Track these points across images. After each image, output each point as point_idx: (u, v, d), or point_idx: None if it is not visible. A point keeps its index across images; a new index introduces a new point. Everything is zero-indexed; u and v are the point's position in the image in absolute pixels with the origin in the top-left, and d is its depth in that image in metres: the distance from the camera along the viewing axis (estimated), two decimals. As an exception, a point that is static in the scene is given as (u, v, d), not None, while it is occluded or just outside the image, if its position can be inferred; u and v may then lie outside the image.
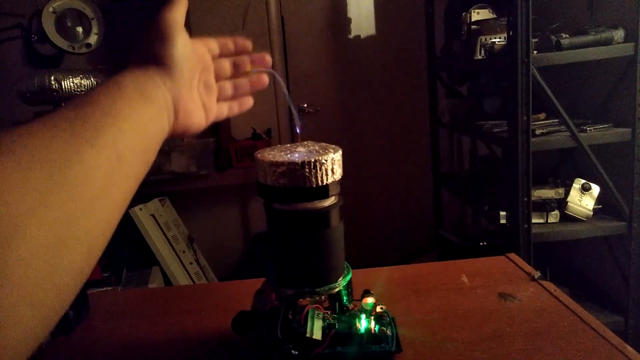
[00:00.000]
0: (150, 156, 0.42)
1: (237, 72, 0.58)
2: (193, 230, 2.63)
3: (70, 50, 1.93)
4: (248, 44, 0.59)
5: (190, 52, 0.50)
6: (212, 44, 0.55)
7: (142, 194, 2.40)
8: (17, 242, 0.26)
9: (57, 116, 0.34)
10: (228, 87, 0.57)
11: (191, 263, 2.49)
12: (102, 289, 1.94)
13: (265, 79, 0.60)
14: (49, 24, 1.91)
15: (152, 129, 0.43)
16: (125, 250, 2.25)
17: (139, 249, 2.30)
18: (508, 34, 1.55)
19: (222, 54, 0.57)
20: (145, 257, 2.31)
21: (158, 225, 2.39)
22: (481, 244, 2.12)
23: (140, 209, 2.31)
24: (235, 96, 0.59)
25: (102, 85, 0.41)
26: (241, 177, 2.56)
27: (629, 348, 0.59)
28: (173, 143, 2.44)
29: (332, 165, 0.55)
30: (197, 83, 0.52)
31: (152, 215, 2.38)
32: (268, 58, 0.60)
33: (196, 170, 2.48)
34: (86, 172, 0.32)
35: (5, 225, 0.25)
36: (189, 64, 0.49)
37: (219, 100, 0.57)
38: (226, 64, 0.57)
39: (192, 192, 2.70)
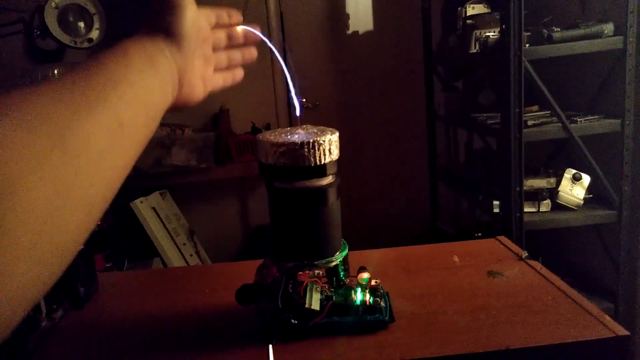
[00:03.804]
0: (153, 125, 0.42)
1: (230, 43, 0.58)
2: (193, 224, 2.67)
3: (72, 45, 1.96)
4: (239, 17, 0.60)
5: (197, 24, 0.50)
6: (210, 15, 0.55)
7: (143, 187, 2.43)
8: (15, 199, 0.26)
9: (64, 79, 0.35)
10: (223, 58, 0.58)
11: (191, 255, 2.52)
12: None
13: (255, 52, 0.61)
14: (51, 19, 1.94)
15: (156, 99, 0.43)
16: (127, 242, 2.28)
17: (140, 241, 2.33)
18: (501, 28, 1.59)
19: (218, 25, 0.57)
20: (146, 249, 2.35)
21: (159, 218, 2.43)
22: (476, 235, 2.16)
23: (141, 202, 2.34)
24: (229, 67, 0.59)
25: (109, 50, 0.41)
26: (241, 171, 2.59)
27: (607, 317, 0.63)
28: (174, 137, 2.48)
29: (330, 145, 0.58)
30: (198, 54, 0.52)
31: (153, 208, 2.41)
32: (258, 31, 0.61)
33: (196, 164, 2.51)
34: (86, 136, 0.32)
35: (3, 183, 0.26)
36: (196, 36, 0.49)
37: (214, 71, 0.57)
38: (222, 35, 0.57)
39: (193, 185, 2.73)
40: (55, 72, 1.78)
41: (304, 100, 2.89)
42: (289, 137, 0.58)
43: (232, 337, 0.62)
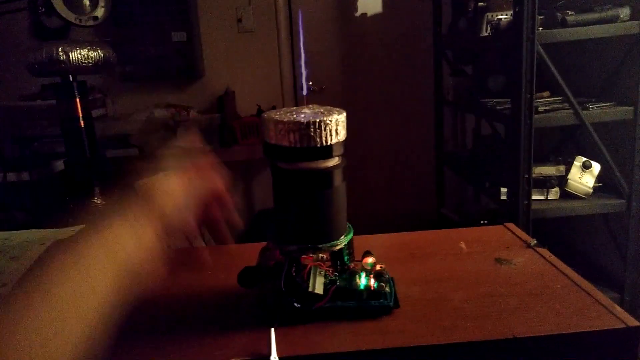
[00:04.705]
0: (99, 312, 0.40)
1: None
2: (197, 205, 2.66)
3: (77, 23, 1.94)
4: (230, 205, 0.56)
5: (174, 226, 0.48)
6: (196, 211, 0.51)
7: (148, 168, 2.43)
8: None
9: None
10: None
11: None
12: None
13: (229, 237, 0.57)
14: (56, -4, 1.91)
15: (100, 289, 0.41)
16: (131, 222, 2.28)
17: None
18: (514, 10, 1.55)
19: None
20: (150, 230, 2.34)
21: (163, 199, 2.42)
22: (481, 222, 2.15)
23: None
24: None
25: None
26: (245, 154, 2.58)
27: (618, 308, 0.61)
28: (178, 118, 2.46)
29: (337, 126, 0.56)
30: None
31: (158, 189, 2.40)
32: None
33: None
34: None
35: None
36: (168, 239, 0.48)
37: None
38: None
39: (197, 167, 2.72)
40: (60, 49, 1.75)
41: (310, 83, 2.86)
42: (295, 116, 0.56)
43: (234, 320, 0.61)
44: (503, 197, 1.72)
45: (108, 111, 2.66)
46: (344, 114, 0.58)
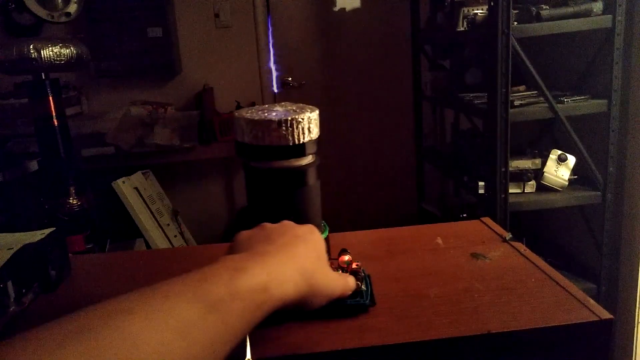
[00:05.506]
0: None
1: None
2: (177, 204, 2.64)
3: (49, 19, 1.89)
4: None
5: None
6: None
7: (125, 167, 2.39)
8: None
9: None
10: None
11: (175, 236, 2.50)
12: (86, 260, 1.94)
13: None
14: (26, -8, 1.86)
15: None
16: (109, 222, 2.25)
17: (122, 221, 2.30)
18: (489, 5, 1.56)
19: None
20: (129, 230, 2.32)
21: (142, 198, 2.39)
22: (461, 215, 2.17)
23: (124, 182, 2.31)
24: None
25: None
26: (225, 151, 2.56)
27: (591, 301, 0.62)
28: (156, 115, 2.43)
29: (309, 124, 0.56)
30: None
31: (136, 189, 2.37)
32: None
33: (180, 144, 2.47)
34: None
35: None
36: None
37: None
38: None
39: (176, 165, 2.69)
40: (31, 47, 1.70)
41: (290, 79, 2.85)
42: (266, 114, 0.55)
43: (208, 322, 0.60)
44: (481, 191, 1.73)
45: (83, 109, 2.61)
46: (317, 112, 0.57)
